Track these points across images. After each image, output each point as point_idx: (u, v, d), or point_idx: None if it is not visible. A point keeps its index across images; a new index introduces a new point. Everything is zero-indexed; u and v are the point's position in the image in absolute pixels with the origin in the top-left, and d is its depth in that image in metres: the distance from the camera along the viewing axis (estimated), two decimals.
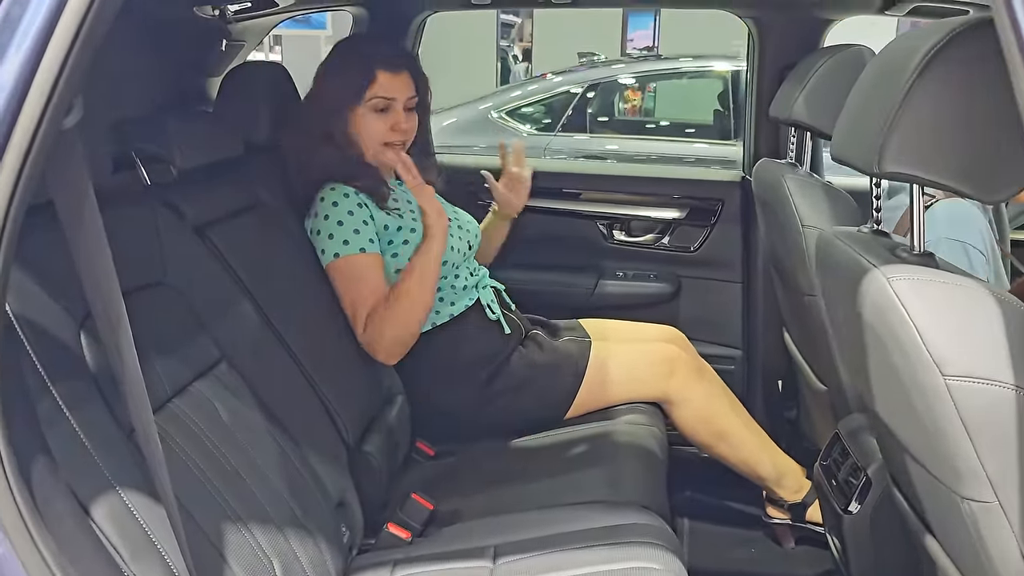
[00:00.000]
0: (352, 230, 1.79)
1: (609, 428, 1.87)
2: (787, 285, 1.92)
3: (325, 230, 1.80)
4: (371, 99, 1.85)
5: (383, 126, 1.87)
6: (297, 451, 1.46)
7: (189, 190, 1.59)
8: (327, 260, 1.80)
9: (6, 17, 0.84)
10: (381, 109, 1.86)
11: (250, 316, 1.55)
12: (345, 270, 1.79)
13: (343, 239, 1.78)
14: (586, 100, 5.49)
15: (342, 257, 1.78)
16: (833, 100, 1.75)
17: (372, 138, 1.88)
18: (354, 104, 1.85)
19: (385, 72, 1.86)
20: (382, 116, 1.87)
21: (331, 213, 1.80)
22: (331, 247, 1.79)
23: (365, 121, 1.86)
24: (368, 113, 1.86)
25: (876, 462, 1.53)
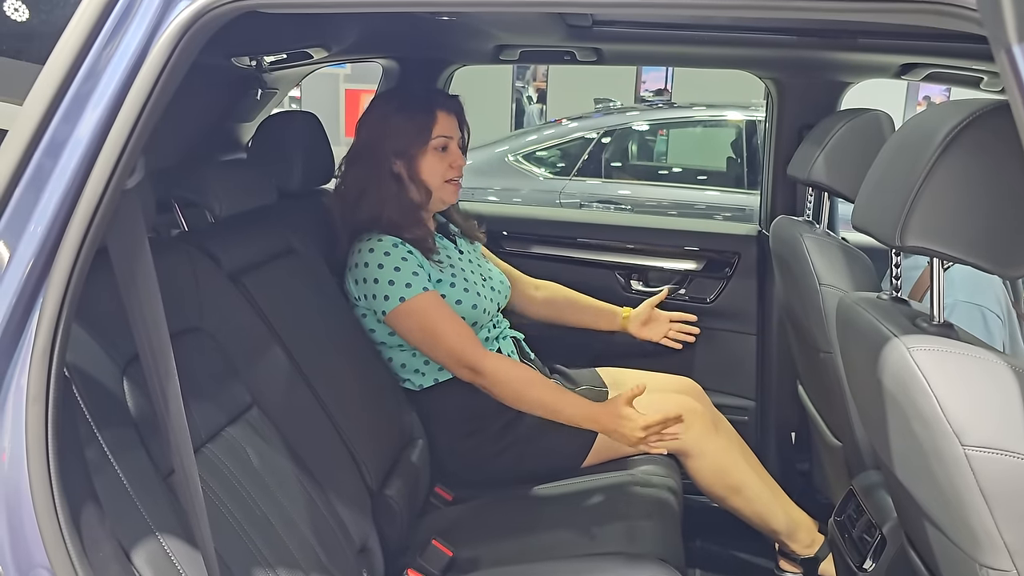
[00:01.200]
0: (411, 273, 1.83)
1: (626, 478, 1.89)
2: (803, 341, 1.95)
3: (383, 279, 1.83)
4: (435, 138, 1.91)
5: (444, 164, 1.94)
6: (322, 496, 1.49)
7: (225, 237, 1.64)
8: (391, 307, 1.82)
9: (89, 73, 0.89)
10: (442, 148, 1.93)
11: (280, 362, 1.59)
12: (415, 313, 1.82)
13: (405, 283, 1.82)
14: (601, 146, 5.56)
15: (407, 300, 1.82)
16: (851, 163, 1.80)
17: (436, 176, 1.94)
18: (420, 146, 1.91)
19: (443, 112, 1.93)
20: (442, 155, 1.94)
21: (384, 262, 1.84)
22: (394, 293, 1.82)
23: (428, 160, 1.92)
24: (431, 152, 1.92)
25: (891, 520, 1.55)
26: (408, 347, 1.91)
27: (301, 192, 2.02)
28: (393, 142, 1.90)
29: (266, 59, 2.14)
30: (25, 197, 0.90)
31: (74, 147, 0.90)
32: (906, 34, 1.92)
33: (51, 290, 0.90)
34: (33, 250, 0.89)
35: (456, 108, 1.99)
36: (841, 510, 1.75)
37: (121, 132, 0.90)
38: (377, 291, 1.85)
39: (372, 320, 1.91)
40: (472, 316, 1.92)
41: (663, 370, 2.29)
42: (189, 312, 1.42)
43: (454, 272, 1.94)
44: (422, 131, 1.91)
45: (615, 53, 2.34)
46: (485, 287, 2.02)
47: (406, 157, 1.91)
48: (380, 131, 1.92)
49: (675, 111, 6.27)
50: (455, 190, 1.99)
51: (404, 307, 1.82)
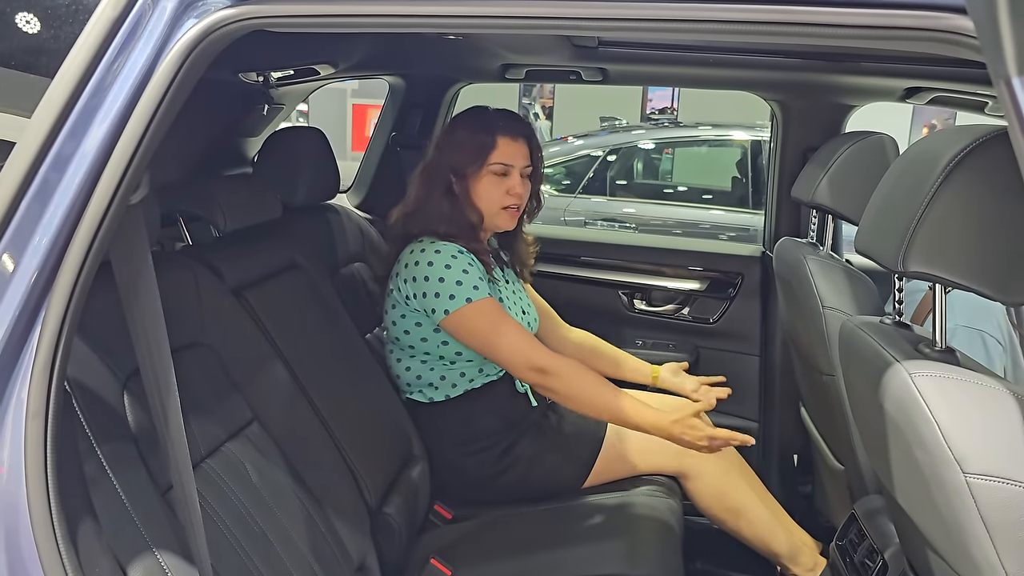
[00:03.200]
0: (455, 282, 1.81)
1: (627, 499, 1.88)
2: (805, 363, 1.95)
3: (449, 278, 1.81)
4: (493, 163, 1.91)
5: (500, 190, 1.93)
6: (321, 513, 1.48)
7: (229, 251, 1.64)
8: (456, 306, 1.80)
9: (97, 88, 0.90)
10: (501, 174, 1.92)
11: (282, 377, 1.59)
12: (465, 322, 1.81)
13: (472, 285, 1.81)
14: (606, 164, 5.57)
15: (475, 301, 1.80)
16: (855, 185, 1.80)
17: (491, 200, 1.93)
18: (477, 168, 1.91)
19: (505, 138, 1.92)
20: (501, 180, 1.92)
21: (452, 264, 1.83)
22: (461, 293, 1.81)
23: (484, 184, 1.92)
24: (488, 176, 1.91)
25: (893, 546, 1.54)
26: (428, 359, 1.91)
27: (306, 207, 2.03)
28: (452, 160, 1.91)
29: (273, 75, 2.15)
30: (31, 210, 0.90)
31: (80, 161, 0.90)
32: (910, 58, 1.93)
33: (54, 304, 0.90)
34: (37, 263, 0.90)
35: (524, 135, 1.97)
36: (843, 534, 1.74)
37: (127, 147, 0.90)
38: (441, 290, 1.81)
39: (412, 321, 1.89)
40: None
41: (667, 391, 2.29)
42: (191, 326, 1.42)
43: (501, 297, 1.94)
44: (480, 154, 1.90)
45: (620, 73, 2.35)
46: (522, 320, 2.00)
47: (462, 177, 1.92)
48: (444, 147, 1.93)
49: (681, 130, 6.30)
50: (512, 217, 1.96)
51: (472, 307, 1.80)
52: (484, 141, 1.91)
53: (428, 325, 1.88)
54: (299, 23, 0.99)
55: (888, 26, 0.88)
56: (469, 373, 1.93)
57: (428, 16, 0.94)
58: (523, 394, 2.00)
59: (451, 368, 1.92)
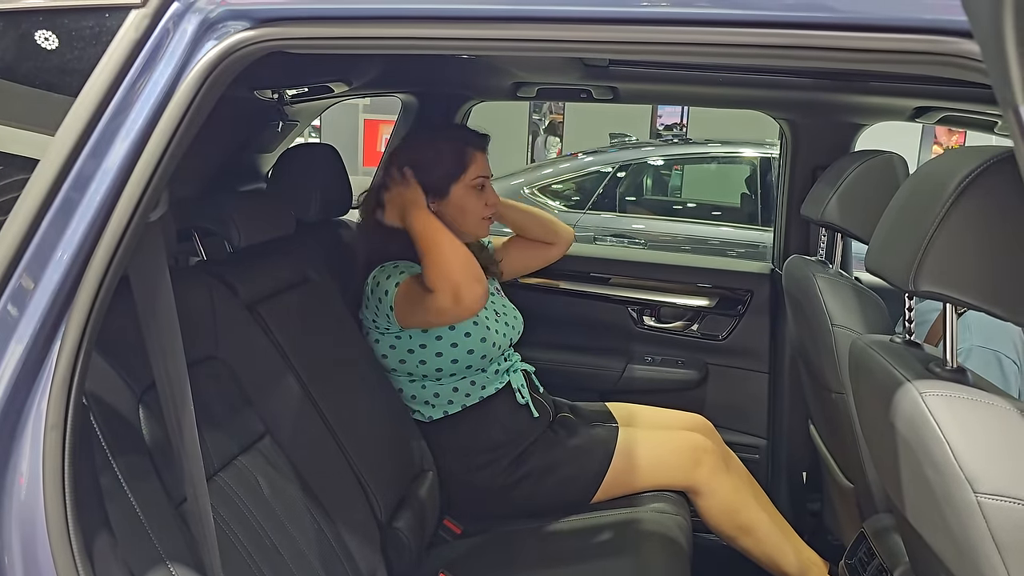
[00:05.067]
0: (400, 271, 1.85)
1: (636, 515, 1.88)
2: (814, 381, 1.95)
3: (385, 297, 1.83)
4: (474, 179, 1.94)
5: (480, 202, 1.96)
6: (332, 527, 1.49)
7: (243, 266, 1.66)
8: (390, 302, 1.82)
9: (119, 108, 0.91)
10: (480, 187, 1.96)
11: (294, 392, 1.60)
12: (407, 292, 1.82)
13: (395, 282, 1.83)
14: (616, 180, 5.59)
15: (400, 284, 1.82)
16: (864, 204, 1.81)
17: (473, 213, 1.96)
18: (457, 184, 1.93)
19: (478, 152, 1.97)
20: (479, 194, 1.96)
21: (391, 273, 1.85)
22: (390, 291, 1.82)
23: (464, 199, 1.94)
24: (468, 190, 1.94)
25: (903, 565, 1.54)
26: (418, 378, 1.92)
27: (319, 222, 2.04)
28: (429, 179, 1.92)
29: (288, 92, 2.17)
30: (53, 227, 0.92)
31: (101, 179, 0.92)
32: (920, 78, 1.94)
33: (73, 320, 0.91)
34: (58, 279, 0.91)
35: (486, 147, 2.02)
36: (852, 553, 1.74)
37: (147, 166, 0.92)
38: (381, 295, 1.84)
39: (385, 343, 1.91)
40: (481, 350, 1.93)
41: (674, 406, 2.29)
42: (206, 341, 1.44)
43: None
44: (461, 171, 1.93)
45: (631, 92, 2.37)
46: (499, 322, 2.03)
47: (444, 196, 1.93)
48: (415, 168, 1.92)
49: (690, 147, 6.31)
50: (488, 225, 2.02)
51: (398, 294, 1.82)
52: (463, 158, 1.94)
53: (401, 346, 1.90)
54: (316, 45, 1.01)
55: (896, 50, 0.89)
56: (463, 388, 1.94)
57: (443, 39, 0.96)
58: (524, 406, 2.00)
59: (440, 385, 1.93)
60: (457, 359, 1.91)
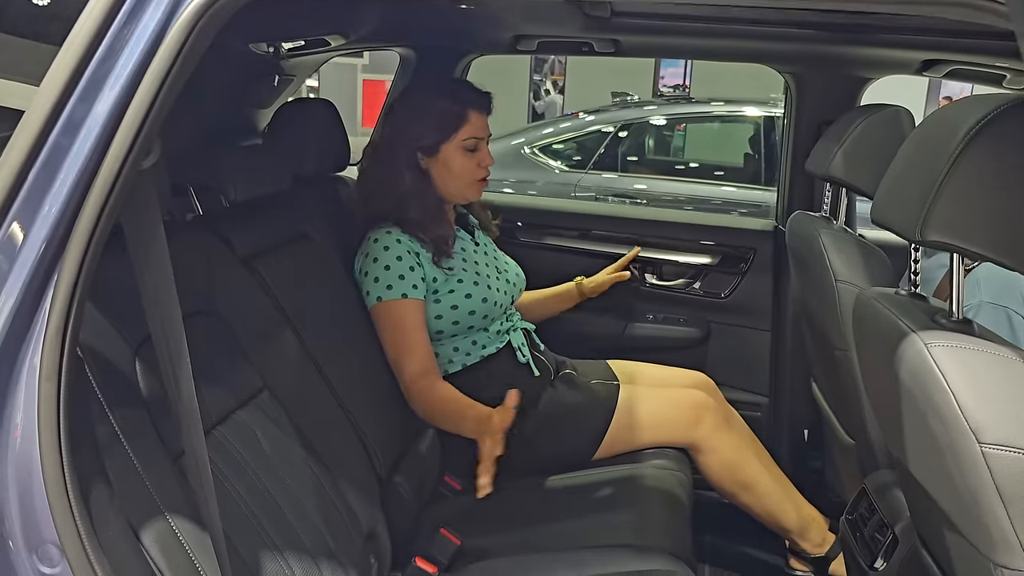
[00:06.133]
0: (398, 275, 1.83)
1: (637, 472, 1.88)
2: (817, 338, 1.94)
3: (372, 272, 1.85)
4: (465, 139, 1.90)
5: (473, 163, 1.93)
6: (331, 481, 1.49)
7: (238, 221, 1.64)
8: (370, 303, 1.85)
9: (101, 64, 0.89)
10: (472, 148, 1.92)
11: (292, 346, 1.59)
12: (386, 315, 1.84)
13: (387, 284, 1.83)
14: (617, 140, 5.53)
15: (384, 302, 1.83)
16: (870, 159, 1.78)
17: (464, 174, 1.93)
18: (449, 144, 1.90)
19: (475, 111, 1.92)
20: (472, 155, 1.93)
21: (380, 256, 1.85)
22: (375, 290, 1.84)
23: (457, 159, 1.91)
24: (460, 151, 1.91)
25: (904, 520, 1.54)
26: None
27: (316, 179, 2.02)
28: (421, 139, 1.89)
29: (284, 46, 2.14)
30: (41, 177, 0.90)
31: (91, 127, 0.89)
32: (928, 29, 1.90)
33: (65, 269, 0.90)
34: (49, 228, 0.89)
35: (488, 107, 1.97)
36: (853, 508, 1.74)
37: (137, 113, 0.89)
38: (364, 283, 1.86)
39: None
40: (483, 310, 1.91)
41: (676, 364, 2.29)
42: (202, 295, 1.42)
43: (465, 267, 1.93)
44: (452, 130, 1.90)
45: (633, 45, 2.33)
46: (500, 279, 2.01)
47: (432, 152, 1.91)
48: (408, 126, 1.90)
49: (693, 106, 6.24)
50: (482, 188, 1.99)
51: (378, 308, 1.84)
52: (456, 115, 1.90)
53: None
54: None
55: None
56: (463, 347, 1.93)
57: None
58: (525, 365, 2.00)
59: (440, 345, 1.92)
60: (458, 320, 1.90)
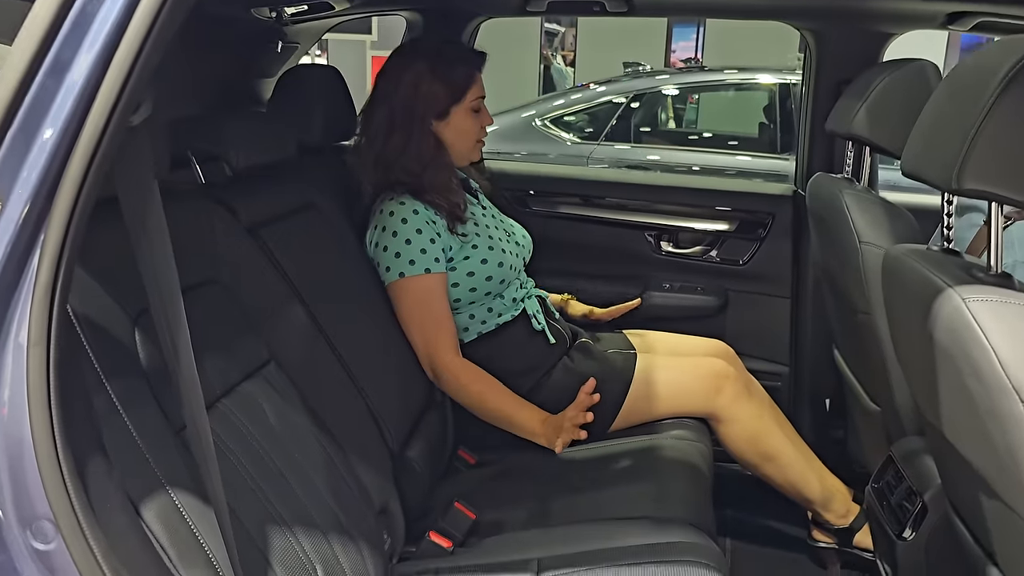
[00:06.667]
0: (419, 249, 1.79)
1: (655, 442, 1.83)
2: (840, 302, 1.88)
3: (392, 246, 1.80)
4: (473, 100, 1.89)
5: (477, 125, 1.92)
6: (341, 455, 1.45)
7: (243, 190, 1.59)
8: (391, 278, 1.80)
9: (81, 14, 0.84)
10: (477, 109, 1.91)
11: (299, 318, 1.55)
12: (409, 291, 1.79)
13: (409, 258, 1.78)
14: (630, 110, 5.45)
15: (407, 277, 1.78)
16: (895, 115, 1.71)
17: (470, 137, 1.92)
18: (459, 107, 1.87)
19: (478, 73, 1.91)
20: (476, 116, 1.91)
21: (399, 230, 1.80)
22: (396, 266, 1.79)
23: (465, 122, 1.89)
24: (467, 113, 1.89)
25: (933, 487, 1.49)
26: None
27: (323, 147, 1.97)
28: (433, 103, 1.85)
29: (287, 11, 2.08)
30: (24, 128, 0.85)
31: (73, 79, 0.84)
32: None
33: (52, 230, 0.85)
34: (32, 188, 0.84)
35: (483, 66, 1.95)
36: (879, 477, 1.69)
37: (123, 63, 0.84)
38: (382, 259, 1.81)
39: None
40: (500, 274, 1.87)
41: (694, 334, 2.24)
42: (205, 264, 1.38)
43: (478, 232, 1.89)
44: (461, 93, 1.87)
45: (646, 4, 2.25)
46: (510, 243, 1.97)
47: (445, 118, 1.87)
48: (416, 90, 1.84)
49: (706, 75, 6.13)
50: (481, 148, 1.98)
51: (400, 284, 1.79)
52: (464, 80, 1.87)
53: None
54: None
55: None
56: (479, 315, 1.89)
57: None
58: (540, 332, 1.95)
59: (457, 313, 1.88)
60: (475, 287, 1.85)
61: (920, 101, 1.75)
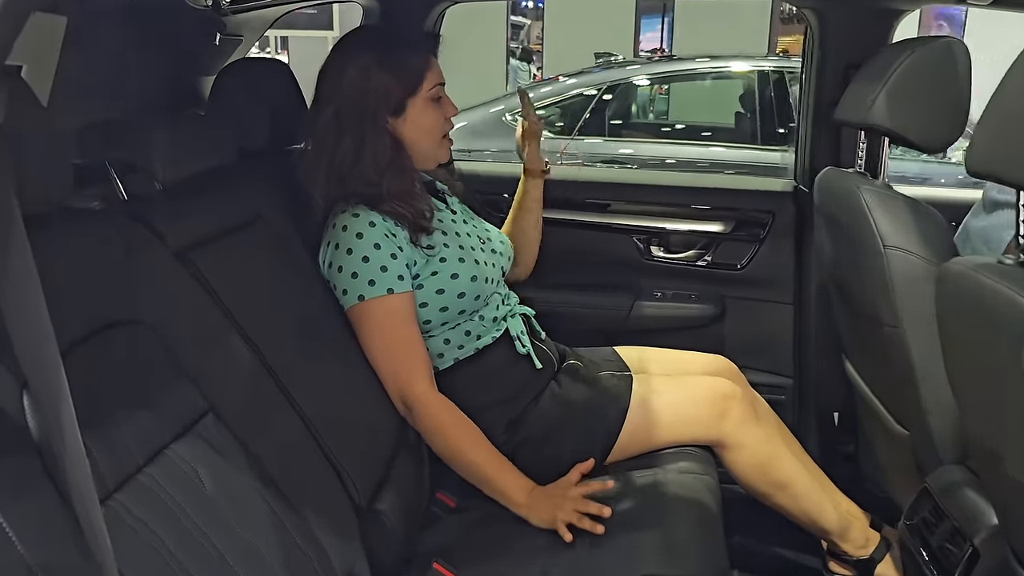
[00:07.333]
0: (379, 267, 1.55)
1: (658, 478, 1.62)
2: (857, 313, 1.68)
3: (347, 266, 1.56)
4: (431, 89, 1.65)
5: (440, 117, 1.68)
6: (296, 519, 1.22)
7: (173, 206, 1.35)
8: (349, 302, 1.57)
9: None
10: (437, 98, 1.67)
11: (242, 356, 1.31)
12: (371, 316, 1.56)
13: (368, 278, 1.55)
14: (603, 103, 5.25)
15: (368, 300, 1.55)
16: (920, 101, 1.53)
17: (434, 132, 1.68)
18: (415, 99, 1.64)
19: (431, 57, 1.67)
20: (436, 107, 1.67)
21: (355, 246, 1.56)
22: (354, 287, 1.56)
23: (424, 115, 1.65)
24: (426, 105, 1.65)
25: (986, 529, 1.29)
26: None
27: (271, 152, 1.72)
28: (385, 97, 1.61)
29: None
30: None
31: None
32: None
33: None
34: None
35: (437, 48, 1.73)
36: (913, 512, 1.49)
37: None
38: (338, 280, 1.58)
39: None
40: (474, 289, 1.65)
41: (690, 346, 2.03)
42: (121, 300, 1.14)
43: (447, 241, 1.66)
44: (416, 81, 1.63)
45: None
46: (485, 251, 1.75)
47: (401, 114, 1.63)
48: (365, 85, 1.60)
49: (678, 63, 5.95)
50: (449, 145, 1.73)
51: (361, 308, 1.56)
52: (418, 66, 1.63)
53: None
54: None
55: None
56: (455, 339, 1.67)
57: None
58: (525, 356, 1.73)
59: (430, 337, 1.65)
60: (447, 305, 1.63)
61: (948, 84, 1.55)
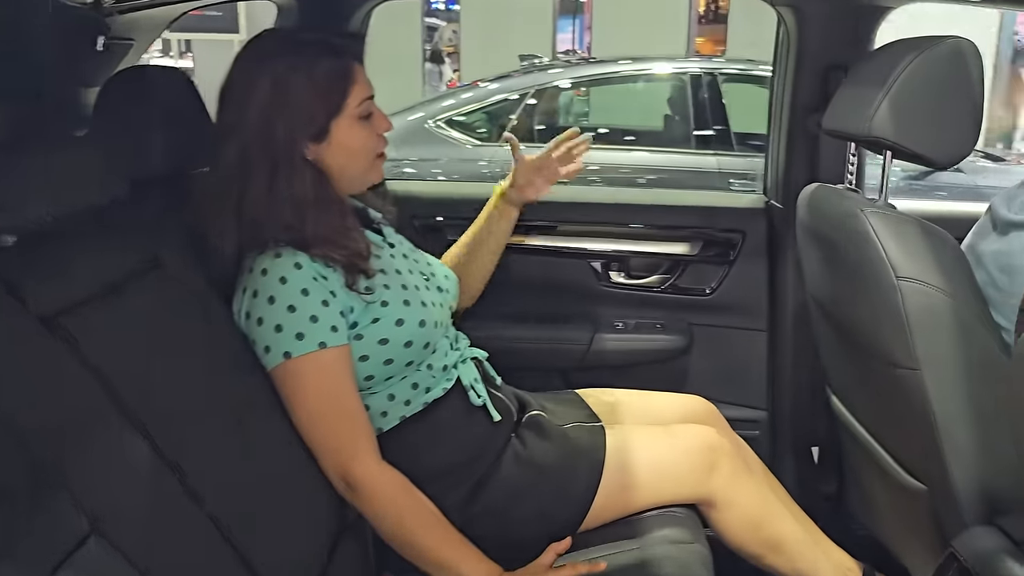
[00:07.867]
0: (308, 317, 1.28)
1: (643, 553, 1.40)
2: (861, 348, 1.49)
3: (270, 318, 1.28)
4: (359, 104, 1.38)
5: (372, 136, 1.42)
6: None
7: (37, 260, 1.06)
8: (273, 362, 1.29)
9: None
10: (367, 115, 1.40)
11: (135, 451, 1.02)
12: (300, 376, 1.29)
13: (295, 331, 1.27)
14: (528, 108, 5.06)
15: (295, 358, 1.27)
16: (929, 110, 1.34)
17: (364, 153, 1.42)
18: (339, 118, 1.37)
19: (358, 65, 1.40)
20: (366, 124, 1.41)
21: (278, 293, 1.28)
22: (279, 343, 1.28)
23: (351, 136, 1.38)
24: (353, 123, 1.38)
25: None
26: None
27: (169, 179, 1.42)
28: (304, 124, 1.33)
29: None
30: None
31: None
32: None
33: None
34: None
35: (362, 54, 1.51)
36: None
37: None
38: (259, 336, 1.30)
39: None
40: (422, 336, 1.40)
41: (657, 381, 1.84)
42: None
43: (387, 283, 1.40)
44: (341, 99, 1.36)
45: None
46: (431, 289, 1.50)
47: (323, 139, 1.36)
48: (275, 112, 1.32)
49: (599, 67, 5.79)
50: (381, 165, 1.47)
51: (287, 367, 1.29)
52: (341, 75, 1.36)
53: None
54: None
55: None
56: (400, 394, 1.42)
57: None
58: (480, 408, 1.49)
59: (371, 395, 1.40)
60: (391, 358, 1.37)
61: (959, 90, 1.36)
